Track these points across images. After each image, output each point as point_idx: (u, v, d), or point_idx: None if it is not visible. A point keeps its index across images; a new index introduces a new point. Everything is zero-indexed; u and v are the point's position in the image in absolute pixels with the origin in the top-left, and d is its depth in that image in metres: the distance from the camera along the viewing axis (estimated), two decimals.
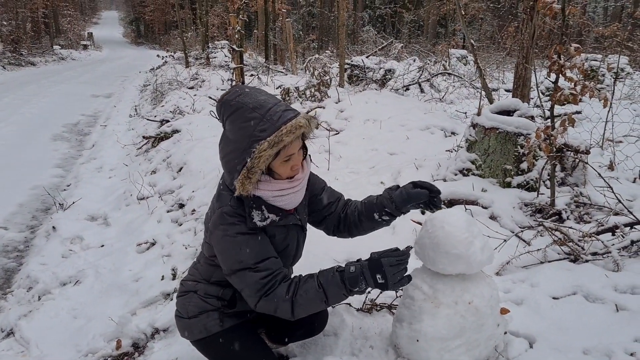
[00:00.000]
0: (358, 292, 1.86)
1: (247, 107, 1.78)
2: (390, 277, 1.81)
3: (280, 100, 1.87)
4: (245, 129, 1.77)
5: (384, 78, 9.59)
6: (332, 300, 1.88)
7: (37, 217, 5.06)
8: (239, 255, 1.87)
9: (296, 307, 1.86)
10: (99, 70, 22.75)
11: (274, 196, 1.90)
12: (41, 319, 3.15)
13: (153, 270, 3.61)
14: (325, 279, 1.88)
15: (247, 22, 16.72)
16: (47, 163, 7.08)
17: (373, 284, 1.83)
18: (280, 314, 1.88)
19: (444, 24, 27.69)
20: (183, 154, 5.98)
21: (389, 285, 1.82)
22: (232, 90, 1.87)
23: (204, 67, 14.99)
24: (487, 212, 3.68)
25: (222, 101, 1.85)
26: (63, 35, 37.29)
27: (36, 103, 11.98)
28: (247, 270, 1.86)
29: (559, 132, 3.27)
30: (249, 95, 1.82)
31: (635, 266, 2.81)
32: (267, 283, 1.86)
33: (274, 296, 1.85)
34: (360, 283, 1.83)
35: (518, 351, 2.24)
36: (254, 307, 1.90)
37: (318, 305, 1.89)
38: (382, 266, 1.82)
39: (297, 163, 1.90)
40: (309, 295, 1.86)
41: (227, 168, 1.89)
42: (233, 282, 1.94)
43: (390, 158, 5.24)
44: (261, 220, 1.90)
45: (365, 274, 1.83)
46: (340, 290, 1.85)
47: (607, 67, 10.04)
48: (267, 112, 1.77)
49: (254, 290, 1.86)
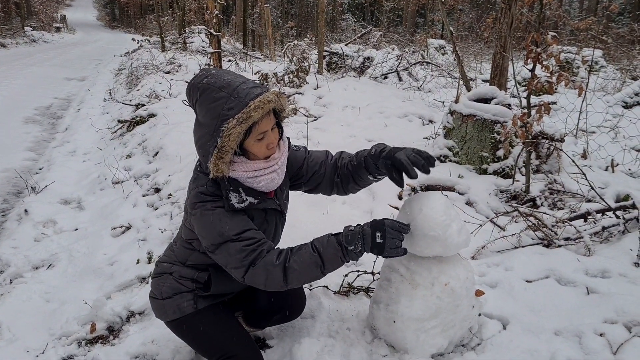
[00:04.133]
0: (353, 253, 1.81)
1: (214, 87, 1.75)
2: (389, 240, 1.80)
3: (248, 79, 1.83)
4: (213, 109, 1.75)
5: (363, 66, 9.61)
6: (327, 265, 1.82)
7: (9, 201, 4.94)
8: (219, 228, 1.83)
9: (289, 274, 1.80)
10: (72, 53, 22.23)
11: (250, 177, 1.87)
12: (13, 303, 3.09)
13: (128, 254, 3.57)
14: (320, 243, 1.85)
15: (225, 7, 16.51)
16: (18, 146, 6.90)
17: (370, 242, 1.80)
18: (270, 284, 1.83)
19: (422, 14, 27.78)
20: (159, 138, 5.90)
21: (385, 248, 1.80)
22: (199, 73, 1.84)
23: (181, 51, 14.79)
24: (464, 198, 3.73)
25: (190, 85, 1.83)
26: (35, 17, 36.34)
27: (7, 85, 11.65)
28: (230, 242, 1.82)
29: (535, 120, 3.32)
30: (216, 76, 1.79)
31: (606, 251, 2.89)
32: (253, 251, 1.82)
33: (263, 263, 1.81)
34: (357, 241, 1.80)
35: (492, 332, 2.29)
36: (242, 280, 1.85)
37: (313, 272, 1.83)
38: (384, 225, 1.81)
39: (272, 141, 1.86)
40: (303, 259, 1.81)
41: (200, 152, 1.86)
42: (217, 258, 1.89)
43: (368, 144, 5.22)
44: (239, 202, 1.87)
45: (365, 232, 1.81)
46: (336, 253, 1.81)
47: (582, 60, 10.19)
48: (234, 91, 1.74)
49: (239, 259, 1.82)
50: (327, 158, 2.20)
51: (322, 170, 2.17)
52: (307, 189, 2.24)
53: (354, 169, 2.10)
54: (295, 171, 2.16)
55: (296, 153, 2.18)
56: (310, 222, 3.49)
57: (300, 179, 2.19)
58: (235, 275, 1.87)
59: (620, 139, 5.04)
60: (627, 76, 10.01)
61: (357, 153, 2.13)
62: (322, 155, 2.21)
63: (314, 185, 2.20)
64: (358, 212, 3.68)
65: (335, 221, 3.51)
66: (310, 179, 2.18)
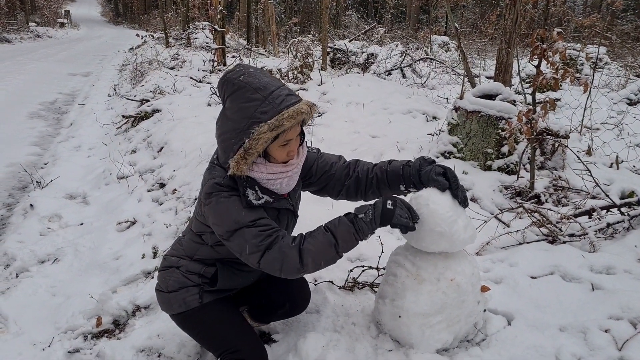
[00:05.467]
0: (363, 222, 1.82)
1: (249, 87, 1.75)
2: (399, 209, 1.84)
3: (283, 84, 1.84)
4: (246, 109, 1.75)
5: (367, 62, 9.60)
6: (341, 242, 1.83)
7: (14, 195, 4.96)
8: (235, 215, 1.83)
9: (305, 255, 1.81)
10: (76, 48, 22.23)
11: (267, 179, 1.89)
12: (19, 296, 3.11)
13: (133, 248, 3.59)
14: (332, 223, 1.87)
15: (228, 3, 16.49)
16: (23, 141, 6.92)
17: (380, 208, 1.83)
18: (287, 268, 1.82)
19: (426, 10, 27.70)
20: (164, 133, 5.91)
21: (395, 215, 1.83)
22: (236, 68, 1.83)
23: (185, 47, 14.78)
24: (468, 195, 3.72)
25: (225, 79, 1.82)
26: (39, 12, 36.29)
27: (11, 80, 11.67)
28: (245, 228, 1.82)
29: (540, 116, 3.32)
30: (253, 75, 1.79)
31: (611, 247, 2.89)
32: (269, 235, 1.83)
33: (279, 247, 1.81)
34: (368, 210, 1.84)
35: (496, 328, 2.29)
36: (257, 265, 1.84)
37: (328, 251, 1.83)
38: (395, 199, 1.87)
39: (294, 149, 1.89)
40: (318, 240, 1.82)
41: (222, 146, 1.87)
42: (232, 245, 1.87)
43: (372, 141, 5.25)
44: (256, 199, 1.88)
45: (377, 202, 1.86)
46: (349, 229, 1.82)
47: (586, 57, 10.15)
48: (269, 95, 1.75)
49: (255, 244, 1.82)
50: (339, 160, 2.23)
51: (332, 170, 2.19)
52: (316, 189, 2.26)
53: (385, 175, 2.13)
54: (306, 172, 2.18)
55: (309, 154, 2.19)
56: (316, 217, 3.47)
57: (309, 178, 2.20)
58: (251, 262, 1.86)
59: (624, 135, 5.04)
60: (631, 73, 9.98)
61: (390, 162, 2.16)
62: (334, 157, 2.24)
63: (323, 185, 2.22)
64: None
65: None
66: (319, 178, 2.20)
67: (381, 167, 2.16)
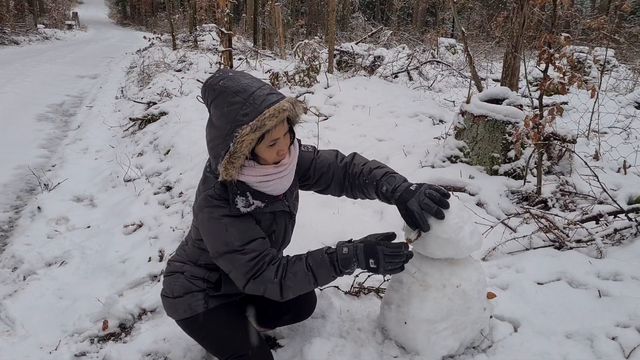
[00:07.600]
0: (348, 273, 1.88)
1: (229, 91, 1.74)
2: (383, 263, 1.84)
3: (265, 84, 1.83)
4: (228, 113, 1.74)
5: (373, 65, 9.60)
6: (321, 282, 1.90)
7: (22, 198, 5.00)
8: (224, 237, 1.86)
9: (285, 290, 1.87)
10: (84, 50, 22.39)
11: (259, 182, 1.88)
12: (26, 299, 3.12)
13: (140, 251, 3.60)
14: (314, 261, 1.88)
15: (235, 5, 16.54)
16: (31, 143, 6.97)
17: (365, 266, 1.86)
18: (269, 295, 1.89)
19: (433, 12, 27.66)
20: (170, 136, 5.93)
21: (380, 271, 1.86)
22: (216, 74, 1.83)
23: (192, 49, 14.84)
24: (474, 199, 3.72)
25: (206, 85, 1.82)
26: (47, 14, 36.60)
27: (20, 82, 11.75)
28: (234, 253, 1.85)
29: (547, 121, 3.30)
30: (233, 79, 1.78)
31: (618, 254, 2.87)
32: (255, 265, 1.85)
33: (262, 279, 1.86)
34: (353, 265, 1.86)
35: (503, 334, 2.28)
36: (242, 289, 1.91)
37: (307, 287, 1.91)
38: (377, 254, 1.84)
39: (283, 148, 1.87)
40: (298, 277, 1.87)
41: (212, 153, 1.87)
42: (220, 264, 1.93)
43: (378, 144, 5.25)
44: (245, 206, 1.88)
45: (359, 256, 1.85)
46: (329, 273, 1.87)
47: (594, 60, 10.10)
48: (250, 96, 1.73)
49: (241, 272, 1.86)
50: (336, 160, 2.19)
51: (330, 172, 2.17)
52: (317, 189, 2.25)
53: (366, 187, 2.11)
54: (303, 173, 2.16)
55: (304, 154, 2.16)
56: (321, 222, 3.50)
57: (308, 180, 2.19)
58: (235, 283, 1.93)
59: (632, 140, 5.00)
60: (639, 76, 9.91)
61: (371, 172, 2.09)
62: (331, 157, 2.20)
63: (323, 187, 2.21)
64: (369, 212, 3.68)
65: (346, 221, 3.52)
66: (318, 180, 2.19)
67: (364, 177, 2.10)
